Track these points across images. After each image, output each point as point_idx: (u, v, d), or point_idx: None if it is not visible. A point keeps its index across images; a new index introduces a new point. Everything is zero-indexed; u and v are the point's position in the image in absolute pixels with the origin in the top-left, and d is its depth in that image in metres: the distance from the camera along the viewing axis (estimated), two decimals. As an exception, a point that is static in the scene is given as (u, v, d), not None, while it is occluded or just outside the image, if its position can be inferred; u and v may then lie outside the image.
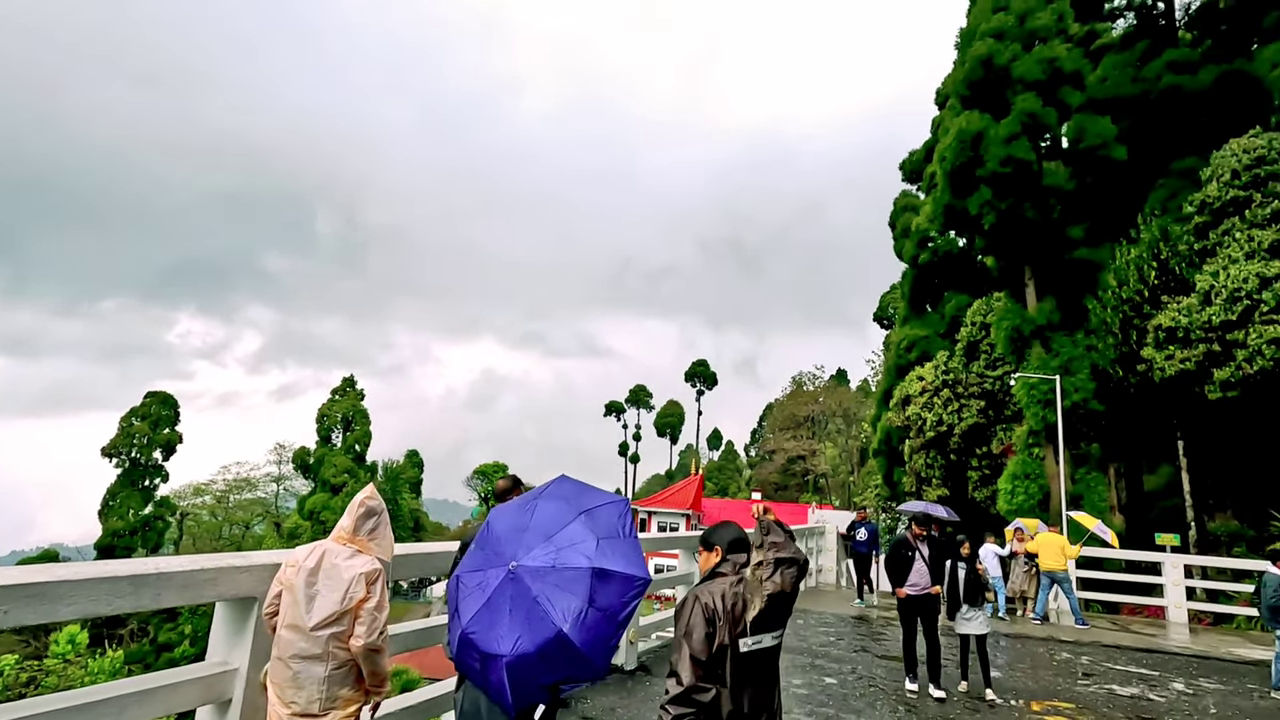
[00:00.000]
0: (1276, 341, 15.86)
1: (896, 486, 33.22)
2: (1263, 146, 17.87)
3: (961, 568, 7.64)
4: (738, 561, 2.96)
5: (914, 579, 7.42)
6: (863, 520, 14.14)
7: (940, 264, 34.77)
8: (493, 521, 3.25)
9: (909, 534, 7.64)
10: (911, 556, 7.46)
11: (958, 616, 7.62)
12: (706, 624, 2.68)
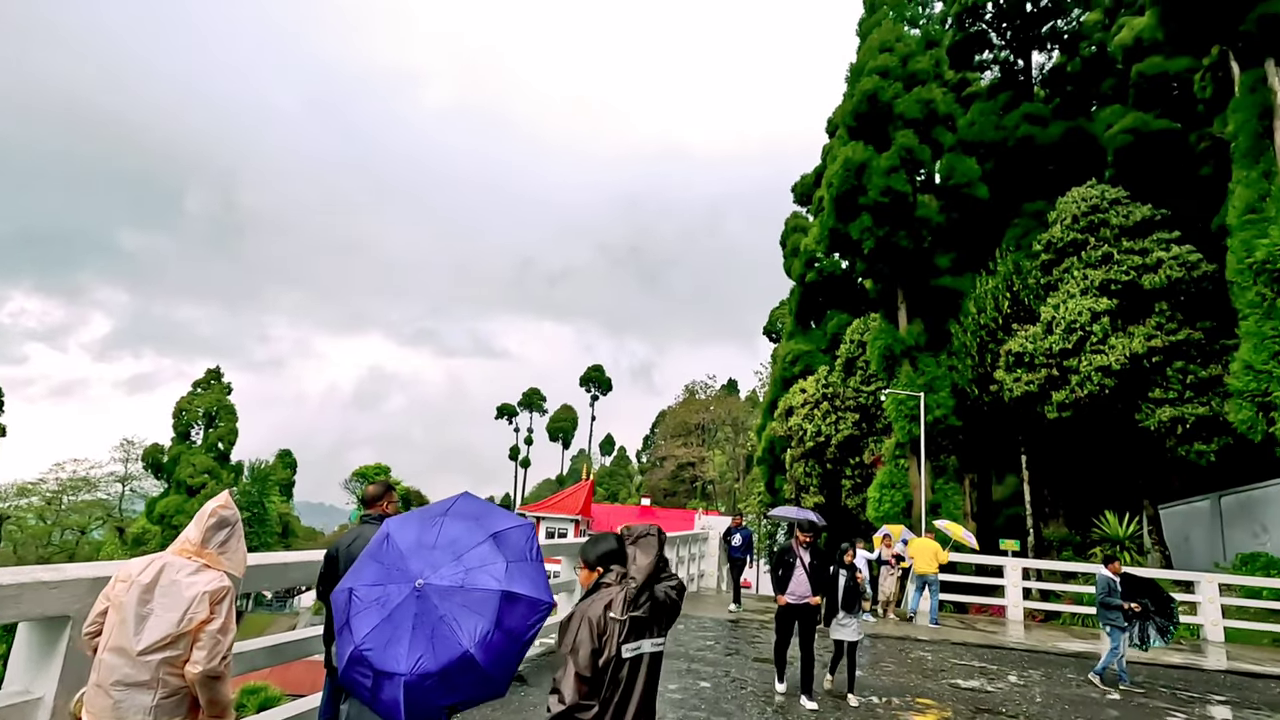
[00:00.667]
0: (1103, 369, 17.95)
1: (778, 493, 34.70)
2: (1097, 196, 20.22)
3: (842, 575, 7.75)
4: (620, 572, 2.96)
5: (794, 587, 7.44)
6: (738, 526, 14.40)
7: (825, 284, 36.74)
8: (392, 534, 3.13)
9: (792, 541, 7.70)
10: (792, 564, 7.48)
11: (834, 622, 7.76)
12: (593, 639, 2.67)
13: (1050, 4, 31.01)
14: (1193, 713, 8.29)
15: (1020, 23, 31.39)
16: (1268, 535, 17.30)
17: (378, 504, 4.31)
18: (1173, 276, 17.97)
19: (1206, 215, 20.57)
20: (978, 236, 27.37)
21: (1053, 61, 32.55)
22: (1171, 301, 18.14)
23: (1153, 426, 17.59)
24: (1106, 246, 19.33)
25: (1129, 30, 27.71)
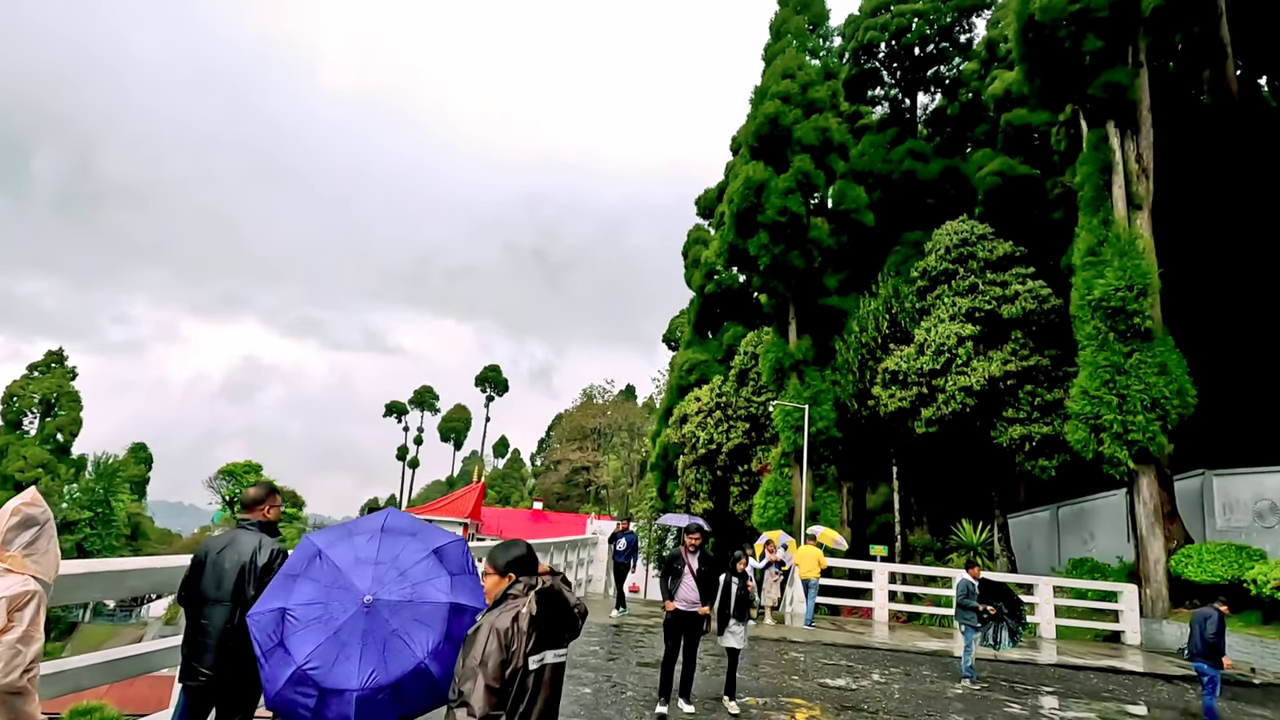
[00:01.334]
0: (966, 389, 19.56)
1: (669, 499, 35.29)
2: (966, 231, 22.07)
3: (734, 583, 7.57)
4: (530, 583, 2.92)
5: (683, 593, 7.22)
6: (624, 530, 14.25)
7: (723, 296, 37.85)
8: (325, 551, 3.14)
9: (681, 548, 7.52)
10: (680, 571, 7.27)
11: (725, 631, 7.55)
12: (501, 650, 2.64)
13: (935, 51, 33.62)
14: (1026, 704, 9.14)
15: (909, 65, 33.82)
16: (1095, 542, 19.45)
17: (258, 508, 3.99)
18: (1027, 308, 19.89)
19: (1056, 254, 22.91)
20: (863, 260, 29.15)
21: (935, 103, 35.30)
22: (1025, 330, 20.07)
23: (1005, 443, 19.34)
24: (973, 277, 21.11)
25: (1000, 82, 30.51)
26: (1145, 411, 15.03)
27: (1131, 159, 17.06)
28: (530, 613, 2.77)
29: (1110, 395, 15.36)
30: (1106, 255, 16.03)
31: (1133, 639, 15.00)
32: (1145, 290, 15.43)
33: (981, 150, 32.95)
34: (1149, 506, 15.44)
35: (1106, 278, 15.66)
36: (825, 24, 27.13)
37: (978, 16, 33.40)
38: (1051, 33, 16.99)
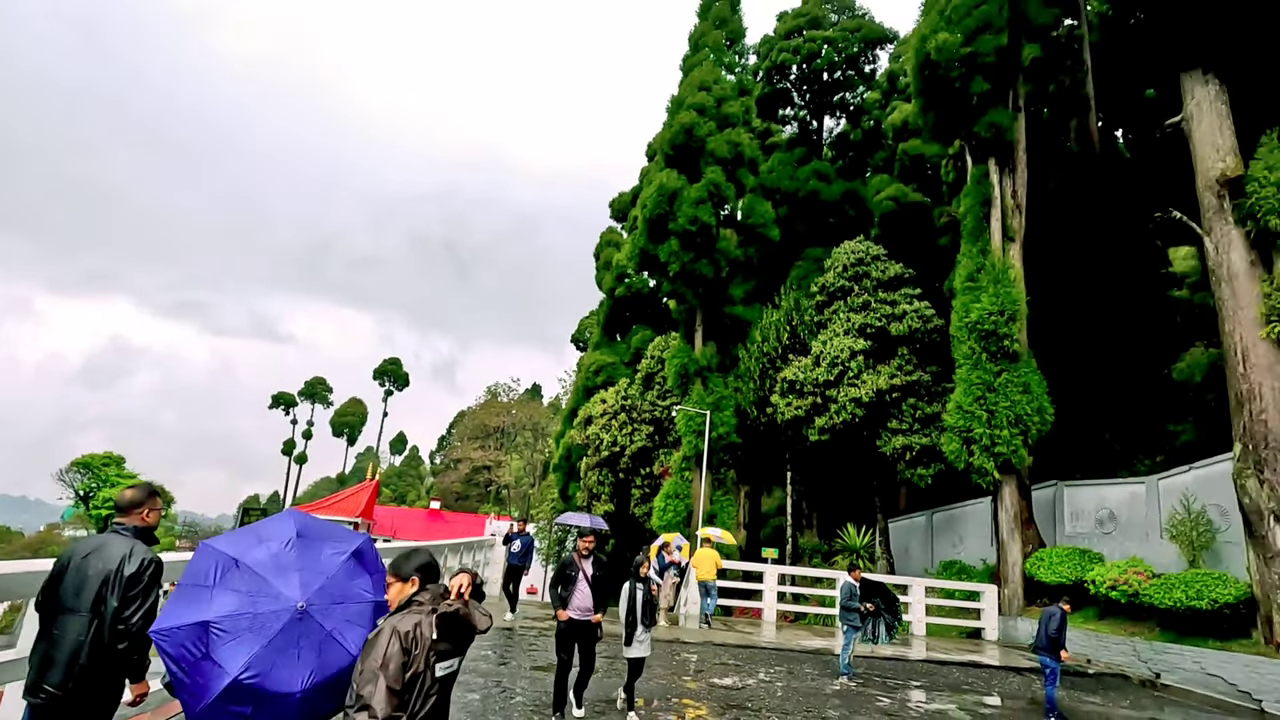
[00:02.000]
0: (856, 400, 20.67)
1: (570, 500, 35.15)
2: (863, 251, 23.34)
3: (639, 589, 7.23)
4: (436, 591, 2.97)
5: (577, 601, 6.93)
6: (520, 532, 13.74)
7: (633, 299, 38.15)
8: (243, 560, 3.14)
9: (574, 553, 7.23)
10: (574, 577, 6.99)
11: (633, 640, 7.19)
12: (403, 654, 2.69)
13: (842, 78, 35.38)
14: (896, 698, 9.77)
15: (818, 88, 35.41)
16: (964, 545, 21.05)
17: (135, 512, 3.64)
18: (913, 327, 21.27)
19: (941, 278, 24.66)
20: (768, 272, 30.21)
21: (840, 128, 37.14)
22: (910, 347, 21.44)
23: (888, 452, 20.58)
24: (866, 295, 22.36)
25: (899, 113, 32.50)
26: (1010, 427, 16.43)
27: (1008, 195, 18.63)
28: (430, 634, 2.78)
29: (981, 411, 16.69)
30: (983, 282, 17.42)
31: (992, 635, 16.34)
32: (1014, 316, 16.89)
33: (880, 176, 34.98)
34: (1010, 514, 16.88)
35: (982, 302, 17.02)
36: (741, 41, 27.97)
37: (881, 49, 35.48)
38: (945, 72, 18.29)
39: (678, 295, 26.15)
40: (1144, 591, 13.15)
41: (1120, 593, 13.61)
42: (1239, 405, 12.38)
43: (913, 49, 19.71)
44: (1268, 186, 12.20)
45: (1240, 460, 12.17)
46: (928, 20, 19.28)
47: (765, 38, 37.32)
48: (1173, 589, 12.60)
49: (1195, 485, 14.53)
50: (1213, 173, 13.22)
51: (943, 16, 18.49)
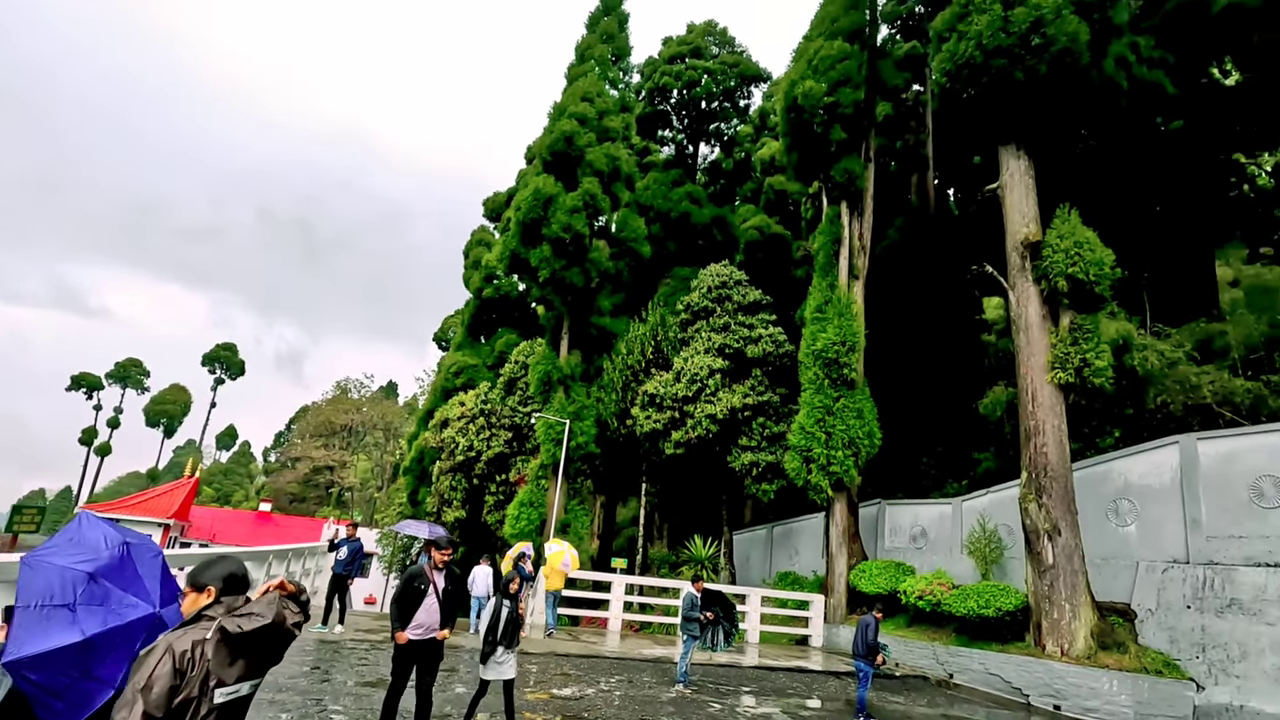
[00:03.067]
0: (711, 416, 21.54)
1: (419, 506, 33.62)
2: (726, 275, 24.48)
3: (506, 606, 6.85)
4: (233, 605, 2.59)
5: (422, 618, 6.29)
6: (349, 538, 12.71)
7: (501, 302, 37.40)
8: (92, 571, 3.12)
9: (425, 564, 6.58)
10: (424, 590, 6.33)
11: (491, 660, 6.79)
12: (175, 675, 2.33)
13: (719, 109, 37.06)
14: (726, 703, 10.21)
15: (695, 115, 36.83)
16: (799, 558, 22.50)
17: None
18: (767, 350, 22.56)
19: (794, 306, 26.42)
20: (638, 287, 30.84)
21: (714, 156, 38.85)
22: (763, 369, 22.73)
23: (738, 467, 21.62)
24: (727, 317, 23.45)
25: (768, 149, 34.55)
26: (844, 448, 17.85)
27: (856, 236, 20.35)
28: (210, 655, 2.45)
29: (820, 433, 18.00)
30: (829, 314, 18.86)
31: (817, 642, 17.57)
32: (854, 347, 18.42)
33: (747, 205, 36.94)
34: (839, 528, 18.30)
35: (828, 332, 18.41)
36: (627, 59, 28.52)
37: (756, 87, 37.66)
38: (808, 118, 19.71)
39: (546, 301, 25.98)
40: (945, 601, 14.74)
41: (926, 602, 15.16)
42: (1027, 438, 14.28)
43: (782, 91, 21.06)
44: (1059, 253, 14.27)
45: (1025, 486, 14.03)
46: (797, 67, 20.71)
47: (650, 59, 38.34)
48: (967, 598, 14.22)
49: (990, 507, 16.56)
50: (1018, 236, 15.25)
51: (810, 65, 19.94)
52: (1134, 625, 12.89)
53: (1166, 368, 16.64)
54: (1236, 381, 16.03)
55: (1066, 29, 14.03)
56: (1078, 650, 12.50)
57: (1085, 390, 14.31)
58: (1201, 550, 12.40)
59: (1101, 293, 14.05)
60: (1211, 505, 12.46)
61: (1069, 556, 13.13)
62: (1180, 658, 11.94)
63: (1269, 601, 11.06)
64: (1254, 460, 12.06)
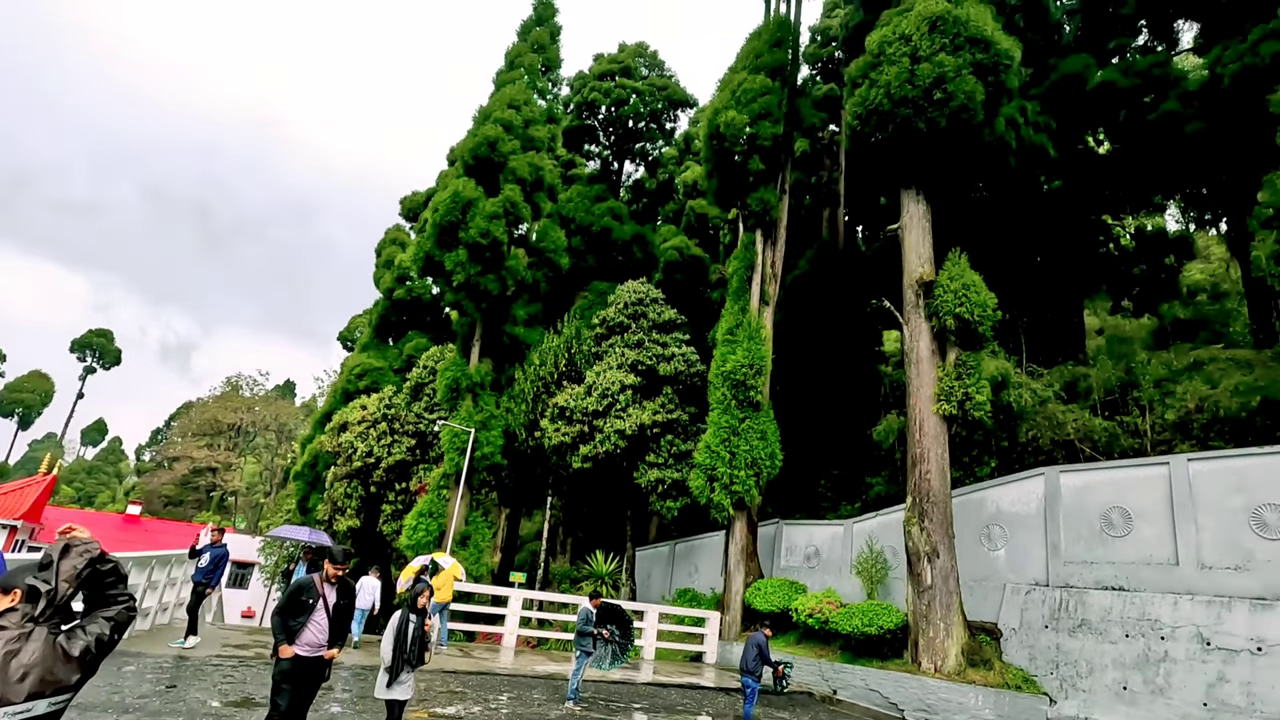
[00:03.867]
0: (620, 432, 21.59)
1: (310, 513, 31.81)
2: (643, 292, 24.75)
3: (412, 622, 6.53)
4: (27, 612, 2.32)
5: (311, 634, 5.86)
6: (213, 544, 11.64)
7: (412, 304, 36.23)
8: None
9: (318, 576, 6.10)
10: (313, 605, 5.91)
11: (394, 681, 6.43)
12: None
13: (645, 129, 37.65)
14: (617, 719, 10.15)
15: (622, 133, 37.25)
16: (698, 575, 22.80)
17: None
18: (679, 369, 22.90)
19: (708, 327, 27.02)
20: (555, 298, 30.68)
21: (639, 174, 39.37)
22: (675, 387, 23.03)
23: (644, 484, 21.73)
24: (642, 334, 23.67)
25: (691, 173, 35.37)
26: (747, 468, 18.31)
27: (769, 264, 21.08)
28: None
29: (725, 452, 18.40)
30: (740, 337, 19.39)
31: (711, 658, 17.81)
32: (761, 370, 19.00)
33: (669, 225, 37.59)
34: (738, 546, 18.70)
35: (737, 355, 18.91)
36: (557, 71, 28.54)
37: (682, 112, 38.54)
38: (730, 146, 20.33)
39: (460, 307, 25.38)
40: (832, 619, 15.31)
41: (815, 620, 15.70)
42: (913, 465, 15.14)
43: (707, 119, 21.64)
44: (949, 293, 15.30)
45: (910, 510, 14.84)
46: (721, 96, 21.36)
47: (580, 74, 38.54)
48: (852, 617, 14.84)
49: (879, 529, 17.39)
50: (914, 275, 16.27)
51: (734, 96, 20.62)
52: (999, 643, 13.82)
53: (1038, 405, 18.11)
54: (1096, 421, 17.65)
55: (965, 87, 15.16)
56: (949, 667, 13.25)
57: (967, 422, 15.35)
58: (1059, 574, 13.49)
59: (984, 332, 15.15)
60: (1069, 533, 13.60)
61: (945, 578, 13.95)
62: (1037, 674, 12.89)
63: (1113, 622, 12.14)
64: (1106, 493, 13.27)
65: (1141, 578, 12.29)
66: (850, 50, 29.65)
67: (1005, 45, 15.91)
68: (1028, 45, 24.87)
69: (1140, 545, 12.50)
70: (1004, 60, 15.70)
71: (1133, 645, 11.71)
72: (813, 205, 31.87)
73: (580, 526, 29.75)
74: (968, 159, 16.84)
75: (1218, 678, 10.57)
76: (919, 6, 16.18)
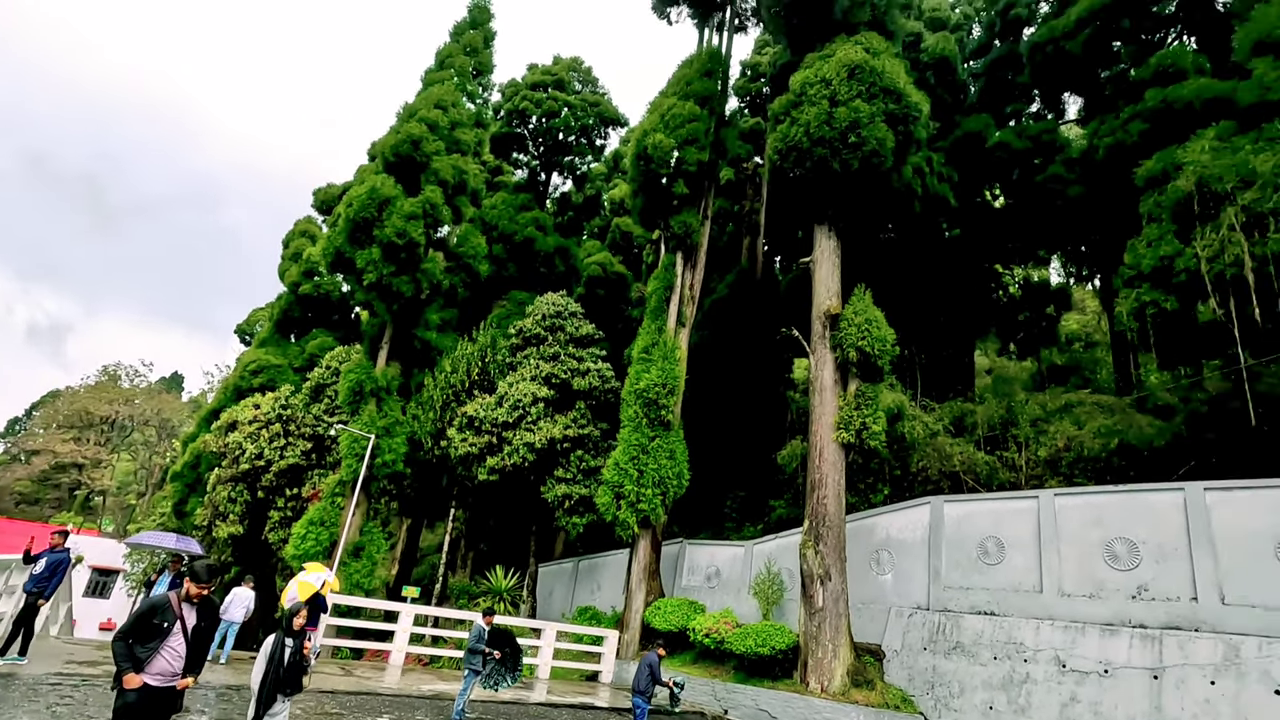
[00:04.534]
0: (529, 445, 21.26)
1: (188, 518, 29.52)
2: (563, 305, 24.61)
3: (288, 646, 6.02)
4: None
5: (164, 663, 5.19)
6: (52, 548, 10.42)
7: (319, 300, 34.58)
8: None
9: (172, 595, 5.43)
10: (169, 628, 5.25)
11: (264, 715, 5.90)
12: None
13: (574, 143, 37.72)
14: (501, 743, 9.84)
15: (551, 145, 37.16)
16: (601, 593, 22.63)
17: None
18: (593, 384, 22.84)
19: (626, 344, 27.15)
20: (472, 305, 30.02)
21: (566, 188, 39.34)
22: (588, 402, 22.95)
23: (551, 499, 21.45)
24: (559, 347, 23.49)
25: (619, 191, 35.64)
26: (654, 486, 18.40)
27: (687, 285, 21.45)
28: None
29: (633, 470, 18.43)
30: (655, 356, 19.56)
31: (607, 678, 17.64)
32: (674, 390, 19.22)
33: (593, 241, 37.66)
34: (641, 565, 18.71)
35: (651, 374, 19.06)
36: (488, 76, 28.19)
37: (613, 130, 38.90)
38: (656, 168, 20.64)
39: (370, 307, 24.43)
40: (728, 639, 15.52)
41: (711, 639, 15.87)
42: (812, 490, 15.67)
43: (635, 139, 21.90)
44: (853, 326, 16.05)
45: (806, 533, 15.32)
46: (651, 119, 21.69)
47: (513, 81, 38.25)
48: (747, 637, 15.09)
49: (777, 551, 17.84)
50: (822, 307, 16.97)
51: (662, 120, 20.99)
52: (883, 664, 14.41)
53: (929, 437, 19.18)
54: (979, 454, 18.86)
55: (877, 133, 16.06)
56: (835, 687, 13.69)
57: (864, 450, 16.06)
58: (939, 599, 14.24)
59: (883, 366, 15.95)
60: (950, 559, 14.41)
61: (836, 600, 14.45)
62: (915, 694, 13.51)
63: (984, 645, 12.91)
64: (984, 523, 14.17)
65: (1010, 603, 13.15)
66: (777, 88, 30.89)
67: (916, 99, 16.99)
68: (937, 101, 26.72)
69: (1011, 573, 13.40)
70: (913, 112, 16.75)
71: (1000, 667, 12.48)
72: (735, 233, 32.77)
73: (484, 540, 28.98)
74: (877, 201, 17.82)
75: (1070, 698, 11.41)
76: (840, 54, 17.06)
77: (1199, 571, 11.11)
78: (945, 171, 24.35)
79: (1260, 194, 12.72)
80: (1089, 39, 22.22)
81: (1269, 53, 14.36)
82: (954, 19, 33.81)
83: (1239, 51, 15.10)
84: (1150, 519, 11.95)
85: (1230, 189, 13.15)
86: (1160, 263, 14.11)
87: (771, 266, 33.72)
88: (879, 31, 18.88)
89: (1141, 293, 14.38)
